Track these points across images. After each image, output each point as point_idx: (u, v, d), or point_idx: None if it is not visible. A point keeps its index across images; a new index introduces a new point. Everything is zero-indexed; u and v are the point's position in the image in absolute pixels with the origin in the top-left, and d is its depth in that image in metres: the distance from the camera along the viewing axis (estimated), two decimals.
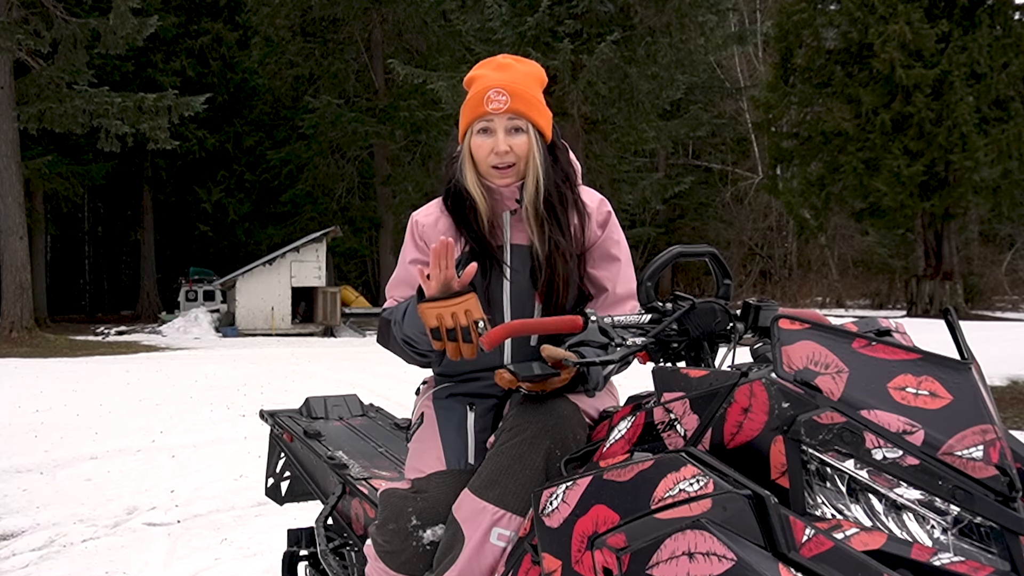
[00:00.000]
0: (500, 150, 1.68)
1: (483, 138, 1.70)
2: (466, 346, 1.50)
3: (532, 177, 1.71)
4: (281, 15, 23.81)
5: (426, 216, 1.81)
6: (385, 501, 1.73)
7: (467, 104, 1.72)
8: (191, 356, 13.84)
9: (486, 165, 1.71)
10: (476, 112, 1.69)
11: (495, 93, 1.67)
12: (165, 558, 3.53)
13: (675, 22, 17.25)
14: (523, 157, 1.71)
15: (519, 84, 1.70)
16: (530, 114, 1.70)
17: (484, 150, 1.70)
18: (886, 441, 1.06)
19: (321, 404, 2.84)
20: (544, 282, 1.70)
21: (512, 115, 1.68)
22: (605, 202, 1.85)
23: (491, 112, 1.67)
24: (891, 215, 20.07)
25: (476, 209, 1.73)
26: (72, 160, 23.78)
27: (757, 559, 1.04)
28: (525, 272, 1.73)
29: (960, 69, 18.27)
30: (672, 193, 22.81)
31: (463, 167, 1.73)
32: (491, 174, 1.72)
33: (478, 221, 1.73)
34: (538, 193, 1.71)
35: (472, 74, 1.77)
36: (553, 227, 1.71)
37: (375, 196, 26.07)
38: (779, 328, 1.18)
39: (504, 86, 1.68)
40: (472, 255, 1.72)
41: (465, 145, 1.74)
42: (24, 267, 17.44)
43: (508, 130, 1.69)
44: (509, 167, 1.71)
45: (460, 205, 1.75)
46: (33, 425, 6.66)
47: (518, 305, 1.73)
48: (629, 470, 1.25)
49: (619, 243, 1.82)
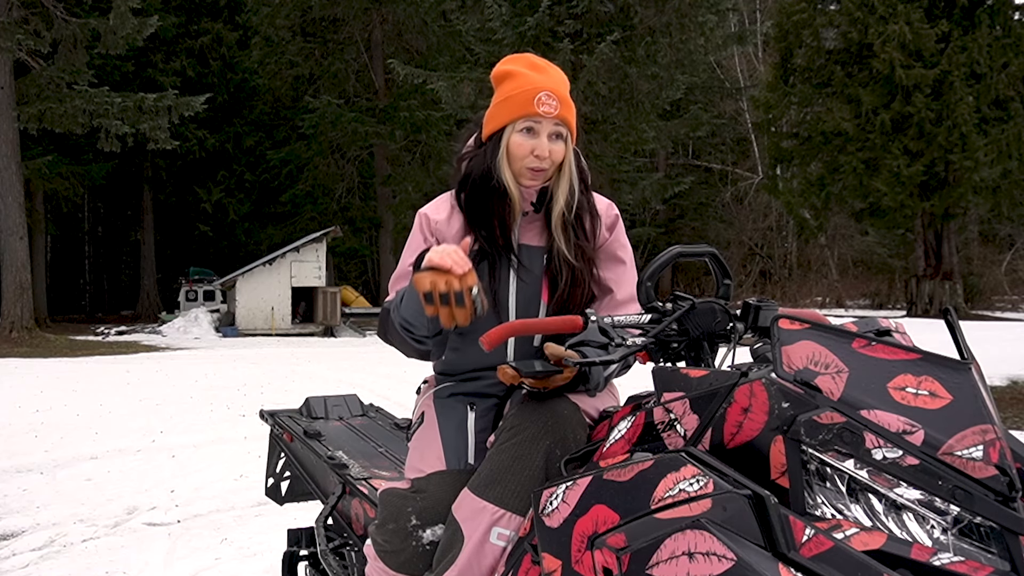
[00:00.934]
0: (542, 154, 1.68)
1: (525, 138, 1.69)
2: (459, 311, 1.46)
3: (565, 183, 1.72)
4: (281, 15, 23.80)
5: (437, 212, 1.79)
6: (385, 501, 1.73)
7: (511, 100, 1.69)
8: (191, 356, 13.84)
9: (520, 165, 1.71)
10: (525, 110, 1.68)
11: (547, 96, 1.67)
12: (165, 558, 3.53)
13: (675, 22, 17.25)
14: (556, 164, 1.72)
15: (564, 91, 1.71)
16: (572, 123, 1.72)
17: (524, 149, 1.69)
18: (886, 441, 1.06)
19: (321, 404, 2.84)
20: (566, 287, 1.71)
21: (558, 121, 1.69)
22: (613, 206, 1.86)
23: (541, 114, 1.67)
24: (891, 215, 20.07)
25: (506, 204, 1.72)
26: (72, 160, 23.78)
27: (757, 559, 1.04)
28: (534, 274, 1.74)
29: (960, 69, 18.27)
30: (672, 193, 22.79)
31: (500, 162, 1.71)
32: (523, 174, 1.72)
33: (498, 218, 1.72)
34: (571, 199, 1.73)
35: (507, 68, 1.74)
36: (580, 234, 1.74)
37: (375, 196, 26.06)
38: (779, 328, 1.18)
39: (554, 91, 1.68)
40: (482, 253, 1.72)
41: (504, 141, 1.71)
42: (24, 267, 17.44)
43: (551, 135, 1.70)
44: (543, 171, 1.72)
45: (481, 200, 1.73)
46: (33, 425, 6.66)
47: (523, 306, 1.74)
48: (629, 470, 1.25)
49: (625, 246, 1.84)
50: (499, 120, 1.71)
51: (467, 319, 1.48)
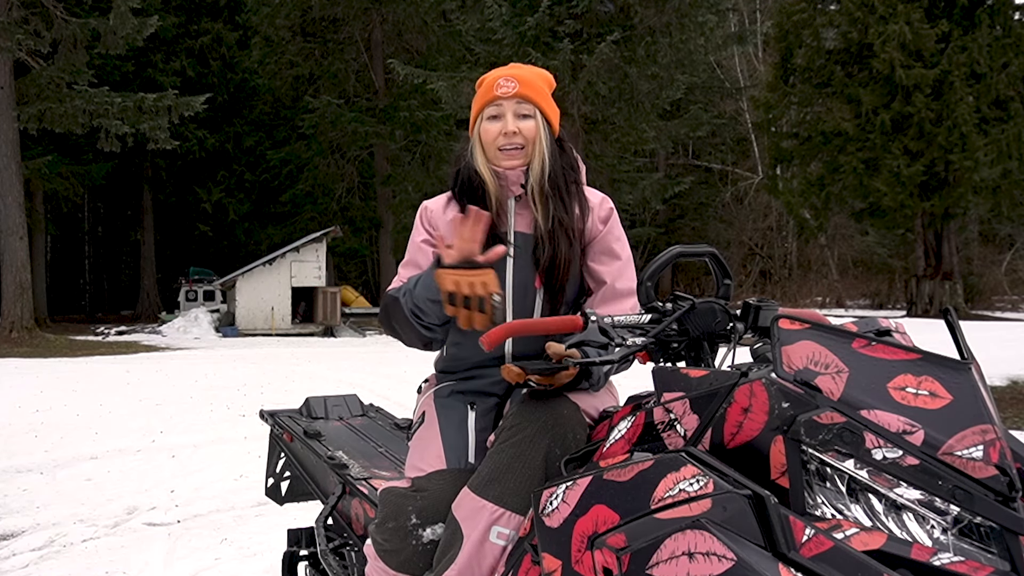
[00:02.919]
0: (508, 131, 1.74)
1: (492, 123, 1.77)
2: (479, 316, 1.49)
3: (538, 159, 1.76)
4: (281, 15, 23.79)
5: (435, 203, 1.88)
6: (385, 500, 1.73)
7: (477, 96, 1.80)
8: (191, 356, 13.84)
9: (493, 148, 1.77)
10: (486, 98, 1.77)
11: (504, 80, 1.76)
12: (165, 558, 3.53)
13: (675, 22, 17.24)
14: (530, 140, 1.76)
15: (527, 75, 1.78)
16: (537, 100, 1.76)
17: (492, 134, 1.76)
18: (886, 441, 1.06)
19: (321, 404, 2.84)
20: (546, 260, 1.73)
21: (520, 99, 1.75)
22: (608, 200, 1.88)
23: (500, 96, 1.74)
24: (891, 215, 20.07)
25: (485, 191, 1.77)
26: (72, 160, 23.78)
27: (757, 559, 1.04)
28: (527, 258, 1.75)
29: (960, 69, 18.27)
30: (672, 193, 22.79)
31: (473, 151, 1.80)
32: (498, 157, 1.77)
33: (486, 206, 1.76)
34: (543, 173, 1.76)
35: (484, 77, 1.84)
36: (557, 205, 1.76)
37: (375, 196, 26.06)
38: (779, 328, 1.18)
39: (513, 75, 1.77)
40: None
41: (475, 132, 1.80)
42: (24, 267, 17.44)
43: (516, 115, 1.76)
44: (517, 149, 1.76)
45: (469, 190, 1.79)
46: (33, 425, 6.66)
47: (520, 290, 1.76)
48: (629, 470, 1.25)
49: (620, 240, 1.84)
50: (472, 117, 1.82)
51: (486, 324, 1.50)
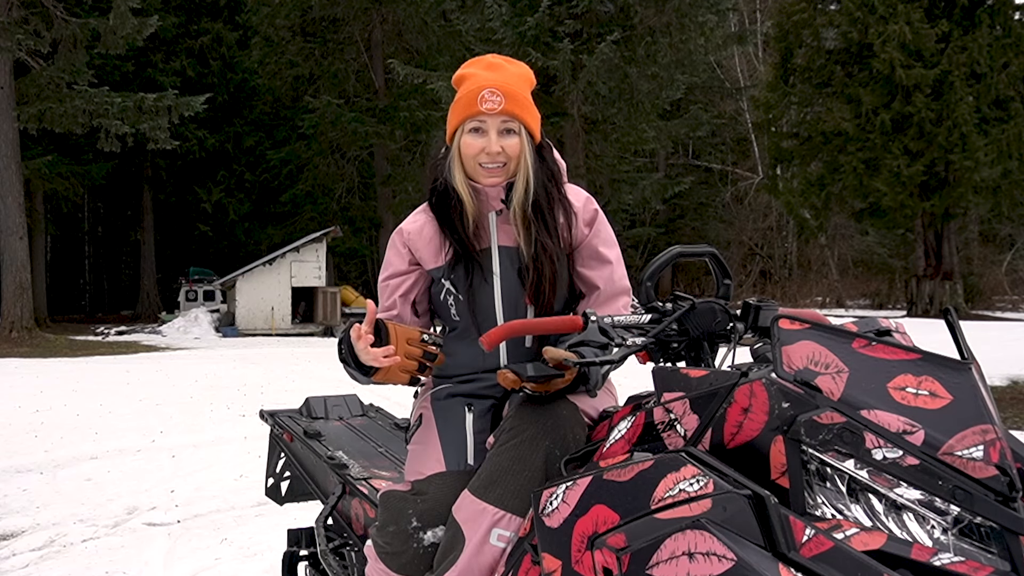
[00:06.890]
0: (492, 151, 1.68)
1: (474, 138, 1.69)
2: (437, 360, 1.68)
3: (522, 178, 1.70)
4: (281, 15, 23.79)
5: (411, 223, 1.81)
6: (385, 503, 1.73)
7: (458, 103, 1.70)
8: (191, 356, 13.83)
9: (474, 164, 1.70)
10: (469, 111, 1.68)
11: (489, 93, 1.66)
12: (165, 558, 3.53)
13: (675, 22, 17.24)
14: (514, 158, 1.70)
15: (512, 85, 1.69)
16: (523, 116, 1.69)
17: (474, 149, 1.69)
18: (886, 441, 1.06)
19: (321, 404, 2.83)
20: (532, 284, 1.70)
21: (506, 117, 1.67)
22: (592, 200, 1.83)
23: (485, 112, 1.66)
24: (891, 215, 20.06)
25: (462, 209, 1.72)
26: (72, 160, 23.77)
27: (757, 559, 1.04)
28: (514, 273, 1.73)
29: (960, 69, 18.26)
30: (672, 193, 22.75)
31: (451, 166, 1.72)
32: (479, 173, 1.71)
33: (463, 222, 1.72)
34: (527, 195, 1.70)
35: (462, 72, 1.75)
36: (540, 229, 1.70)
37: (375, 196, 26.05)
38: (779, 328, 1.18)
39: (498, 86, 1.66)
40: (456, 258, 1.73)
41: (455, 144, 1.72)
42: (24, 267, 17.44)
43: (501, 131, 1.68)
44: (499, 167, 1.70)
45: (445, 205, 1.74)
46: (33, 425, 6.66)
47: (510, 306, 1.73)
48: (629, 470, 1.25)
49: (607, 240, 1.80)
50: (451, 125, 1.73)
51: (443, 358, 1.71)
